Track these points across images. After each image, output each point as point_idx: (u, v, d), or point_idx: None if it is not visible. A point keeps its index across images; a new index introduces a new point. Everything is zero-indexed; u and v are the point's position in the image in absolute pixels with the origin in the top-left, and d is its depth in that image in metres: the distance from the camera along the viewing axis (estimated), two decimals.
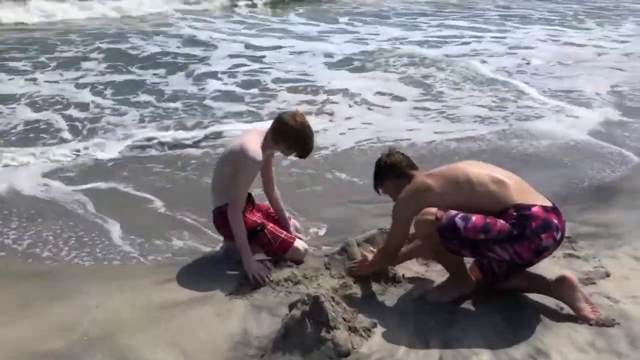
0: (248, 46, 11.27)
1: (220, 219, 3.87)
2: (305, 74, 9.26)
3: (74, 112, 7.40)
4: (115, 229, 4.51)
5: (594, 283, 3.31)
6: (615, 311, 3.01)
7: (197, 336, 3.09)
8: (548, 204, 3.04)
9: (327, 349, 2.72)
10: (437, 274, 3.61)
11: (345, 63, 10.11)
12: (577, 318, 2.95)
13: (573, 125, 7.02)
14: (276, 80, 8.89)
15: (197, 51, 10.74)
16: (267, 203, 4.22)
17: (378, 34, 12.84)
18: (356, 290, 3.47)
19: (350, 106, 7.80)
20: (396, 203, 3.32)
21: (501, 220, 2.97)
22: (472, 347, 2.77)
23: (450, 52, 11.07)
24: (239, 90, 8.49)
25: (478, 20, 14.83)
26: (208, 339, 3.05)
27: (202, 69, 9.53)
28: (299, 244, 3.91)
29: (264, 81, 8.91)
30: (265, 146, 3.77)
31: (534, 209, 2.97)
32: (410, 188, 3.28)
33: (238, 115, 7.48)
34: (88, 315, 3.29)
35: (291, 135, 3.70)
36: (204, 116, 7.40)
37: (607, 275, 3.42)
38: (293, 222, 4.25)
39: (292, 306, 2.91)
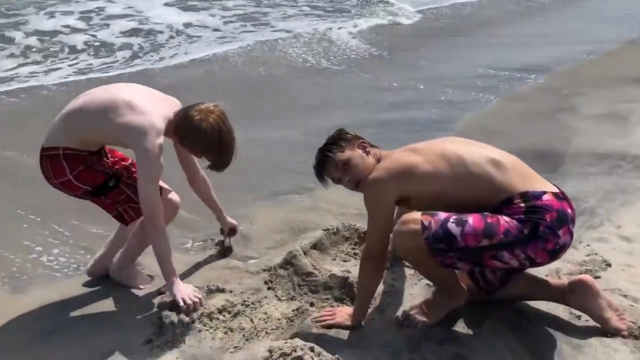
0: None
1: (56, 163, 2.75)
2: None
3: None
4: None
5: (598, 277, 2.80)
6: None
7: None
8: (556, 189, 2.41)
9: None
10: (408, 282, 2.94)
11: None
12: (605, 330, 2.41)
13: None
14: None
15: None
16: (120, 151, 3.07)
17: None
18: (316, 316, 2.70)
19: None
20: (368, 186, 2.51)
21: (504, 217, 2.30)
22: None
23: None
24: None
25: None
26: None
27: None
28: (171, 195, 2.97)
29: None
30: (169, 134, 2.79)
31: (546, 198, 2.31)
32: (389, 165, 2.49)
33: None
34: None
35: (201, 141, 2.75)
36: None
37: (608, 264, 2.93)
38: (230, 221, 3.38)
39: None
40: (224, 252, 3.37)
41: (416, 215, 2.38)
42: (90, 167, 2.79)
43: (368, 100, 6.16)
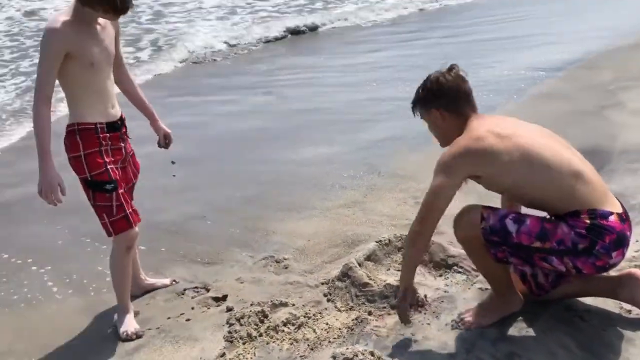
0: None
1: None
2: None
3: None
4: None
5: None
6: None
7: None
8: (621, 209, 2.44)
9: None
10: (461, 287, 3.08)
11: None
12: None
13: None
14: None
15: None
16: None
17: None
18: (376, 324, 2.87)
19: None
20: (442, 157, 2.50)
21: (564, 227, 2.36)
22: None
23: None
24: None
25: None
26: None
27: None
28: (135, 233, 3.09)
29: None
30: (76, 14, 2.81)
31: (611, 219, 2.35)
32: (469, 144, 2.45)
33: None
34: None
35: None
36: None
37: None
38: (163, 127, 3.37)
39: None
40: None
41: (476, 206, 2.50)
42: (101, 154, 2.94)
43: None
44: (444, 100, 2.60)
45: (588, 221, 2.35)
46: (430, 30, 10.61)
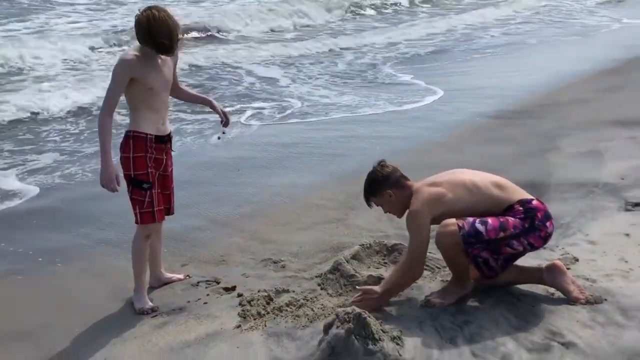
0: None
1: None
2: None
3: None
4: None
5: (569, 268, 3.74)
6: (596, 289, 3.45)
7: None
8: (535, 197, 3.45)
9: None
10: (427, 280, 3.89)
11: None
12: (569, 300, 3.35)
13: None
14: None
15: None
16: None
17: None
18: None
19: None
20: (410, 215, 3.45)
21: (510, 218, 3.32)
22: (495, 338, 3.06)
23: None
24: None
25: None
26: None
27: None
28: (155, 226, 3.91)
29: None
30: (141, 50, 3.60)
31: (534, 202, 3.37)
32: (423, 197, 3.43)
33: None
34: None
35: (141, 33, 3.52)
36: None
37: (576, 260, 3.88)
38: (220, 108, 4.09)
39: (328, 326, 3.02)
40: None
41: (452, 220, 3.35)
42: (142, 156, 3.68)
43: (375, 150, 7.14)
44: (387, 183, 3.59)
45: (521, 208, 3.34)
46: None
